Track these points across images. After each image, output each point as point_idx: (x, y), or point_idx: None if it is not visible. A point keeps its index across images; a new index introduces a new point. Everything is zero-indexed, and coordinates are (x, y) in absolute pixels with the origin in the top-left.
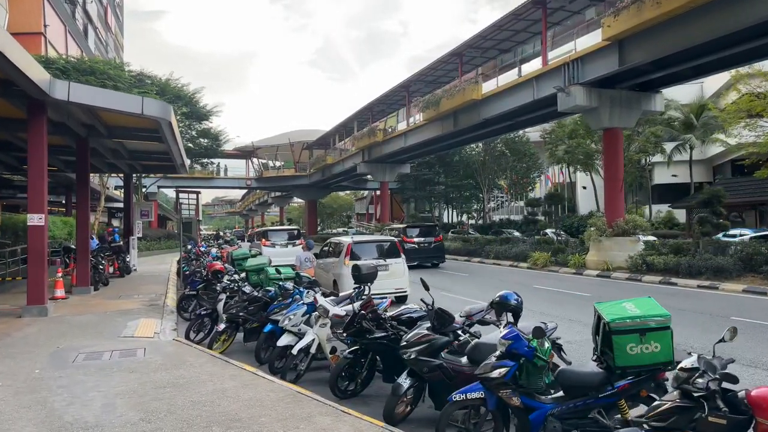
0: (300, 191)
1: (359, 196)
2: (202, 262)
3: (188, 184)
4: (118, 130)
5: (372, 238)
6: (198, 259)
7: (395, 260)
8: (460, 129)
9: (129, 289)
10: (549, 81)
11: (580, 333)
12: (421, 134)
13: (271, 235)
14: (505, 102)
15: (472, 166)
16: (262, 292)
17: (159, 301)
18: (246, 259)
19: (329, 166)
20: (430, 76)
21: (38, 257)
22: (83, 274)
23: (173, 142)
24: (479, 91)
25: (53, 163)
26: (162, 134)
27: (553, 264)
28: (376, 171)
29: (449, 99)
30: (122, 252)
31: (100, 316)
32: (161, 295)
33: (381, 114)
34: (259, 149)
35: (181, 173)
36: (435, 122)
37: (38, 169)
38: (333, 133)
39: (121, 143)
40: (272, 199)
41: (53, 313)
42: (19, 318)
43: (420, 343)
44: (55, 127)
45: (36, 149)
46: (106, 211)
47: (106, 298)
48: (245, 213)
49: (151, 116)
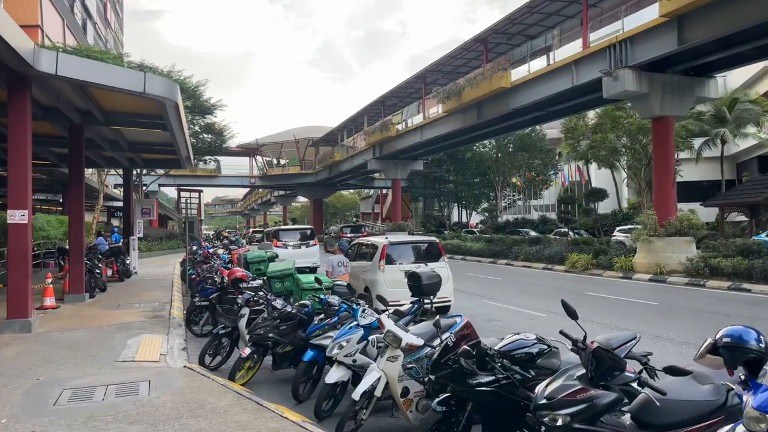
0: (305, 190)
1: (364, 196)
2: (213, 266)
3: (190, 182)
4: (117, 116)
5: (410, 239)
6: (207, 261)
7: (437, 264)
8: (485, 121)
9: (129, 295)
10: (591, 65)
11: (683, 354)
12: (439, 128)
13: (283, 235)
14: (538, 90)
15: (485, 163)
16: (297, 308)
17: (163, 311)
18: (262, 263)
19: (337, 164)
20: (448, 65)
21: (20, 261)
22: (77, 279)
23: (179, 131)
24: (508, 78)
25: (45, 156)
26: (166, 120)
27: (595, 267)
28: (387, 168)
29: (473, 88)
30: (121, 253)
31: (94, 331)
32: (166, 303)
33: (393, 108)
34: (263, 146)
35: (186, 168)
36: (455, 114)
37: (20, 156)
38: (341, 129)
39: (120, 132)
40: (275, 198)
41: (39, 328)
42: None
43: (576, 403)
44: (46, 112)
45: (18, 132)
46: (105, 210)
47: (103, 308)
48: (247, 213)
49: (154, 96)
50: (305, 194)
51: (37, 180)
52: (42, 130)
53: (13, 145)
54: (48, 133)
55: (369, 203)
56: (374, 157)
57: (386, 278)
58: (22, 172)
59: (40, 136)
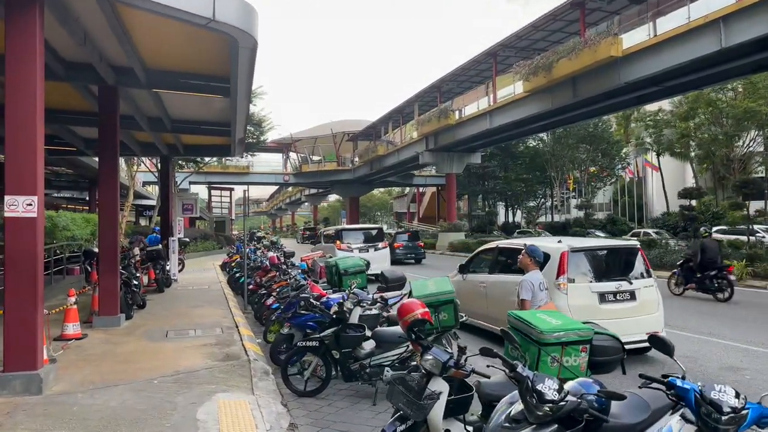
0: (340, 187)
1: (397, 194)
2: (291, 279)
3: (221, 180)
4: (163, 77)
5: (599, 244)
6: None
7: (644, 282)
8: (580, 100)
9: (176, 315)
10: (746, 21)
11: None
12: (515, 111)
13: (347, 236)
14: (665, 57)
15: (543, 156)
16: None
17: (232, 343)
18: (359, 274)
19: (379, 158)
20: (526, 38)
21: (25, 280)
22: (110, 297)
23: (245, 94)
24: (619, 46)
25: (69, 139)
26: (233, 75)
27: (751, 276)
28: (441, 161)
29: (570, 60)
30: (161, 258)
31: (141, 390)
32: (230, 329)
33: (449, 94)
34: (298, 141)
35: (236, 155)
36: (540, 94)
37: (25, 109)
38: (384, 121)
39: (162, 104)
40: (305, 197)
41: (53, 386)
42: None
43: None
44: (70, 70)
45: (21, 66)
46: (133, 209)
47: (147, 338)
48: (273, 212)
49: (225, 27)
50: (340, 192)
51: (61, 174)
52: (64, 102)
53: (14, 90)
54: (72, 107)
55: (403, 202)
56: (427, 149)
57: (571, 304)
58: (27, 136)
59: (62, 112)
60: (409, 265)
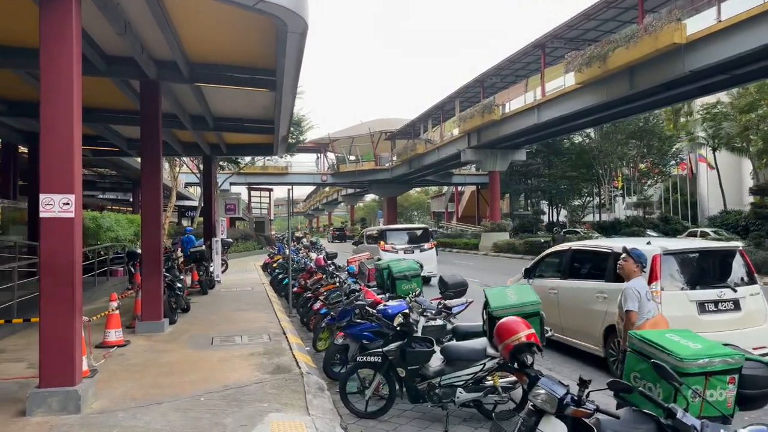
0: (378, 187)
1: (435, 194)
2: (340, 282)
3: (260, 181)
4: (206, 70)
5: (693, 245)
6: (307, 271)
7: (749, 290)
8: (637, 92)
9: (221, 320)
10: None
11: None
12: (566, 105)
13: (390, 236)
14: (736, 42)
15: (591, 153)
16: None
17: (282, 353)
18: (414, 279)
19: (419, 157)
20: (576, 29)
21: (61, 285)
22: (153, 300)
23: (291, 87)
24: (683, 32)
25: (111, 139)
26: (280, 65)
27: None
28: (485, 158)
29: (627, 49)
30: (205, 259)
31: (186, 408)
32: (278, 336)
33: (493, 89)
34: (335, 141)
35: (278, 154)
36: (593, 85)
37: (62, 96)
38: (423, 119)
39: (205, 101)
40: (342, 197)
41: (92, 402)
42: (22, 418)
43: None
44: (110, 64)
45: (58, 48)
46: (176, 210)
47: (192, 345)
48: (310, 213)
49: (275, 6)
50: (378, 192)
51: (105, 175)
52: (105, 100)
53: (51, 77)
54: (114, 105)
55: (441, 202)
56: (470, 146)
57: (666, 315)
58: (64, 129)
59: (104, 110)
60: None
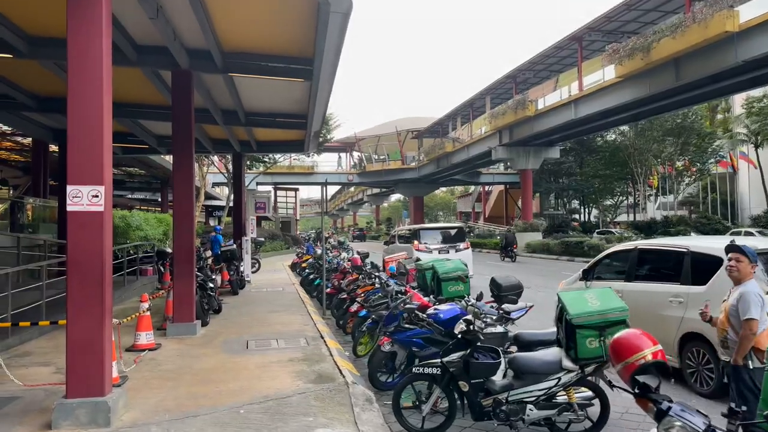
0: (404, 186)
1: (461, 194)
2: (382, 283)
3: (287, 180)
4: (239, 59)
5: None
6: (340, 271)
7: None
8: (684, 84)
9: (255, 322)
10: None
11: None
12: (605, 99)
13: (424, 236)
14: None
15: (626, 151)
16: None
17: (321, 359)
18: (461, 281)
19: (447, 155)
20: (615, 20)
21: (89, 284)
22: (184, 302)
23: (328, 77)
24: (735, 20)
25: (141, 137)
26: (320, 50)
27: None
28: (517, 156)
29: (674, 39)
30: (236, 258)
31: (225, 423)
32: (315, 340)
33: (525, 84)
34: (362, 140)
35: (309, 150)
36: (635, 78)
37: (90, 82)
38: (452, 116)
39: (237, 94)
40: (368, 197)
41: (122, 414)
42: (47, 431)
43: None
44: (141, 53)
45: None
46: (203, 210)
47: (226, 350)
48: (335, 213)
49: None
50: (404, 191)
51: (134, 175)
52: (135, 93)
53: (79, 58)
54: (144, 99)
55: (468, 201)
56: (501, 143)
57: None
58: (92, 115)
59: (134, 105)
60: None
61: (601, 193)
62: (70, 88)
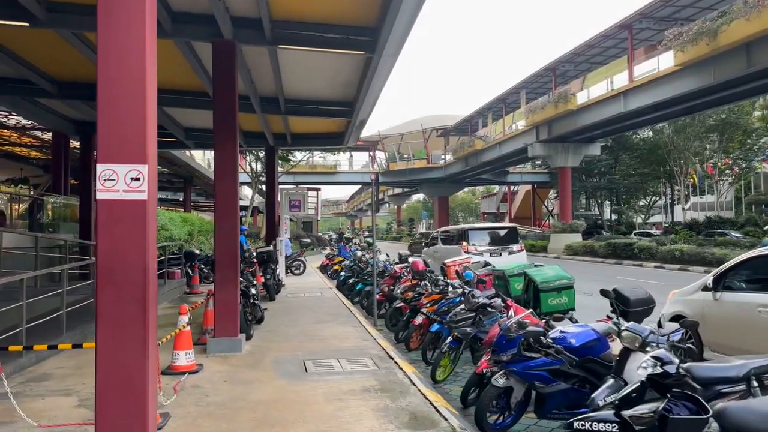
0: (429, 186)
1: (483, 194)
2: (466, 294)
3: (309, 180)
4: (291, 28)
5: None
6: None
7: None
8: (756, 70)
9: (302, 334)
10: None
11: None
12: (660, 90)
13: (473, 236)
14: None
15: (664, 149)
16: None
17: (396, 382)
18: (563, 290)
19: (477, 153)
20: (670, 5)
21: (127, 299)
22: (228, 312)
23: (395, 48)
24: None
25: (166, 126)
26: (395, 8)
27: None
28: (555, 153)
29: (748, 21)
30: (272, 261)
31: None
32: (383, 360)
33: (564, 78)
34: (385, 138)
35: (349, 143)
36: (697, 66)
37: (130, 30)
38: (483, 112)
39: (280, 79)
40: (389, 198)
41: None
42: None
43: None
44: (177, 23)
45: None
46: None
47: (282, 375)
48: (353, 214)
49: None
50: (428, 191)
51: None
52: (163, 74)
53: None
54: (173, 83)
55: (492, 202)
56: (538, 140)
57: None
58: (132, 74)
59: (160, 91)
60: None
61: (634, 192)
62: (100, 14)
